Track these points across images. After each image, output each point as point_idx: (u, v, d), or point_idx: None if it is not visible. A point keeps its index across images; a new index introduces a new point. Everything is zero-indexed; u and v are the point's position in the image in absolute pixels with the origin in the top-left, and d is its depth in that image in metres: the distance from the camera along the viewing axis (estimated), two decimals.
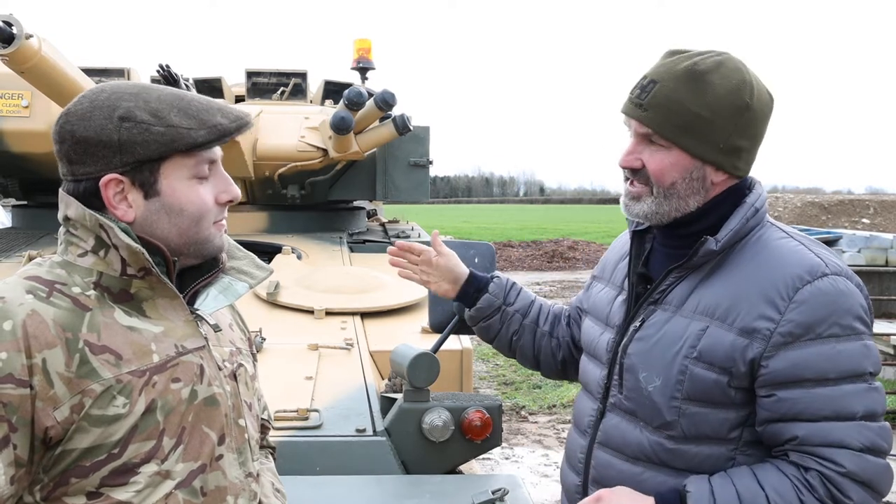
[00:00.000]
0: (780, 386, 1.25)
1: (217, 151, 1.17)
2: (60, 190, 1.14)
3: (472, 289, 1.76)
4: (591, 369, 1.54)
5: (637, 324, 1.42)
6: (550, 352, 1.76)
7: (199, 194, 1.14)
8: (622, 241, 1.62)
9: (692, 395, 1.31)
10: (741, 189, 1.39)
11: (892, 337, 7.38)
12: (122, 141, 1.08)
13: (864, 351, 1.26)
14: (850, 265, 10.59)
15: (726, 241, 1.34)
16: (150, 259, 1.09)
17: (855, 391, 1.24)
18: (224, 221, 1.20)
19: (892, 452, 1.33)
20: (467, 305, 1.78)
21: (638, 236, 1.52)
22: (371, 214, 5.56)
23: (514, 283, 1.80)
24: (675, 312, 1.37)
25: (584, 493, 1.47)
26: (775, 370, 1.25)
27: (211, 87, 4.97)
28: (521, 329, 1.77)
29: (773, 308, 1.26)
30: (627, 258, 1.53)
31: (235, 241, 1.32)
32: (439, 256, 1.77)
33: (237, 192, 1.20)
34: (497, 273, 1.83)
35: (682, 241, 1.38)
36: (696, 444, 1.33)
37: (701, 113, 1.30)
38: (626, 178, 1.42)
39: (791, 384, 1.25)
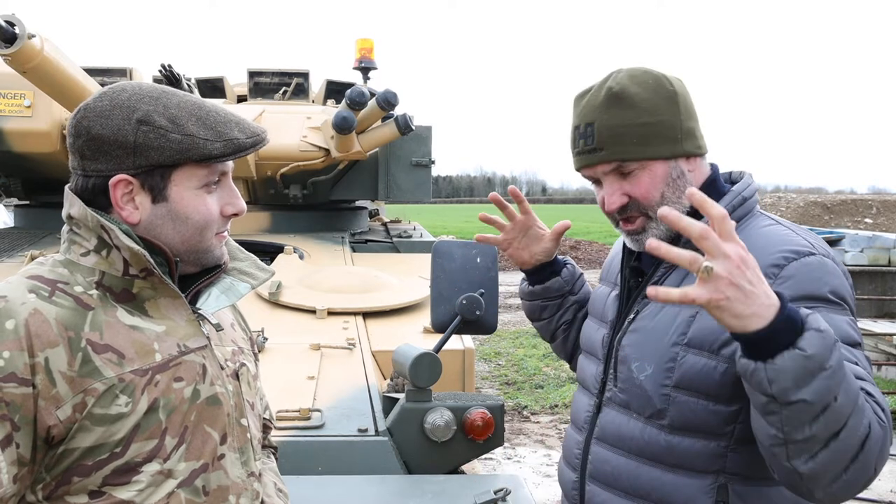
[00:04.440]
0: None
1: (229, 164, 1.17)
2: (66, 187, 1.14)
3: (549, 270, 1.76)
4: (588, 366, 1.56)
5: (632, 316, 1.44)
6: None
7: (206, 204, 1.14)
8: (619, 240, 1.64)
9: (682, 382, 1.31)
10: (717, 178, 1.43)
11: (893, 337, 7.36)
12: (137, 144, 1.08)
13: (853, 324, 1.25)
14: (852, 265, 10.43)
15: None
16: (151, 261, 1.09)
17: (850, 350, 1.21)
18: (226, 233, 1.20)
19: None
20: (534, 282, 1.78)
21: None
22: (373, 214, 5.56)
23: (581, 274, 1.82)
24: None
25: (581, 490, 1.48)
26: None
27: (213, 86, 4.97)
28: (573, 320, 1.79)
29: None
30: (621, 255, 1.56)
31: (238, 241, 1.33)
32: (545, 236, 1.73)
33: (243, 205, 1.20)
34: (567, 258, 1.84)
35: (670, 234, 1.39)
36: (688, 437, 1.32)
37: (647, 120, 1.35)
38: (617, 221, 1.42)
39: None
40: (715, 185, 1.42)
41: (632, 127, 1.34)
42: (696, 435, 1.32)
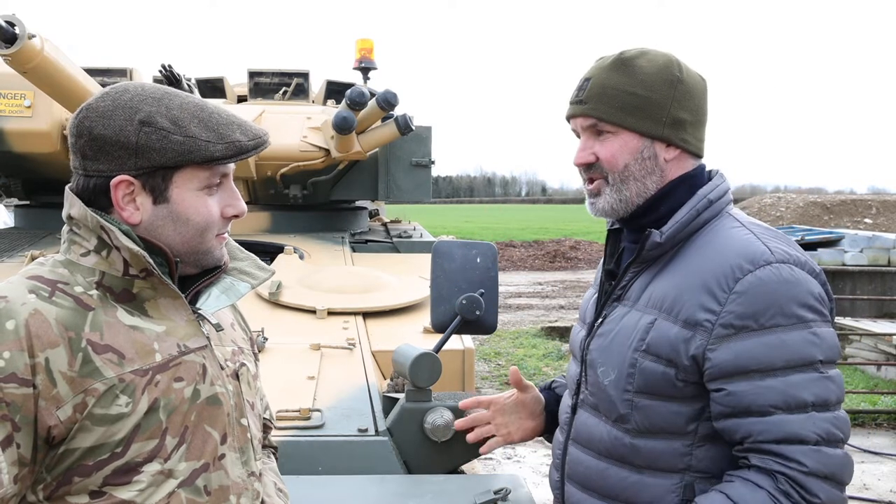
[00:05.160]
0: (728, 379, 1.24)
1: (230, 166, 1.17)
2: (66, 188, 1.14)
3: (552, 409, 1.68)
4: (571, 367, 1.57)
5: (600, 320, 1.45)
6: None
7: (206, 206, 1.15)
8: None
9: (642, 387, 1.32)
10: (698, 179, 1.41)
11: (893, 337, 7.36)
12: (139, 145, 1.08)
13: (813, 339, 1.23)
14: (852, 265, 10.39)
15: (671, 232, 1.35)
16: (151, 261, 1.09)
17: (804, 380, 1.21)
18: (226, 234, 1.21)
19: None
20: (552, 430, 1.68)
21: (613, 235, 1.54)
22: (373, 214, 5.56)
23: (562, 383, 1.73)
24: (631, 307, 1.38)
25: (563, 489, 1.50)
26: (721, 362, 1.24)
27: (213, 87, 4.97)
28: None
29: (713, 300, 1.25)
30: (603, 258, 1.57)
31: (238, 241, 1.33)
32: (524, 392, 1.67)
33: (244, 207, 1.20)
34: (556, 380, 1.76)
35: (641, 236, 1.40)
36: (653, 439, 1.33)
37: (636, 91, 1.35)
38: (584, 180, 1.45)
39: (738, 376, 1.23)
40: (686, 184, 1.39)
41: (621, 92, 1.36)
42: (659, 436, 1.32)
